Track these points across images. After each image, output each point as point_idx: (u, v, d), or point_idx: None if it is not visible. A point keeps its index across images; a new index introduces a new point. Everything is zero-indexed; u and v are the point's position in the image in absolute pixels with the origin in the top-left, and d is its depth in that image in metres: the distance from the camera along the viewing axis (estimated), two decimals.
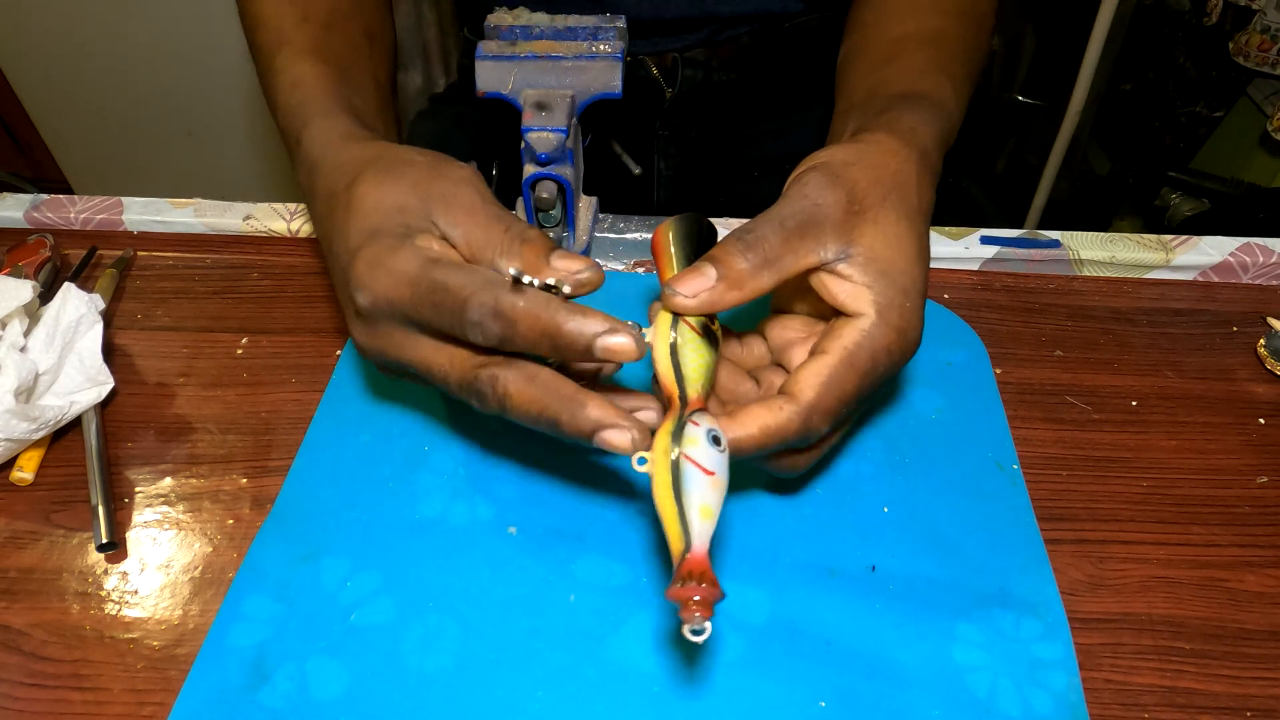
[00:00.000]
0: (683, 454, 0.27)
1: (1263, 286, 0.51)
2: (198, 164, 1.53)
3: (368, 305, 0.32)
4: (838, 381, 0.31)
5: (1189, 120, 1.39)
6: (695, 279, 0.31)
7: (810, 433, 0.31)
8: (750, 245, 0.31)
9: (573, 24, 0.46)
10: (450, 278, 0.30)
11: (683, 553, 0.26)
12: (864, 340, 0.31)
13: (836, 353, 0.31)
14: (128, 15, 1.32)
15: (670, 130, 0.64)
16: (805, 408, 0.31)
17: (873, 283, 0.31)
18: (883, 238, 0.32)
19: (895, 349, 0.32)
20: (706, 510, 0.27)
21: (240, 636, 0.34)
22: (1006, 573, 0.36)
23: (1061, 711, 0.32)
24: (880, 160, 0.34)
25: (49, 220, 0.54)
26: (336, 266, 0.34)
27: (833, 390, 0.31)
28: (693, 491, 0.27)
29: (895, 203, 0.33)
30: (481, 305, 0.29)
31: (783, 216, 0.32)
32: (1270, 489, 0.40)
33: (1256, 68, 1.25)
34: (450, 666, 0.33)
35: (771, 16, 0.60)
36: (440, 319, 0.31)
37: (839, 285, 0.32)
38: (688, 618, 0.25)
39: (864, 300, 0.31)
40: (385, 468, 0.40)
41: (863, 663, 0.33)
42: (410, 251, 0.31)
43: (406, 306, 0.31)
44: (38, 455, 0.41)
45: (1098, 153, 1.57)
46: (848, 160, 0.33)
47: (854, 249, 0.32)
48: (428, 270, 0.31)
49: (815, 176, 0.33)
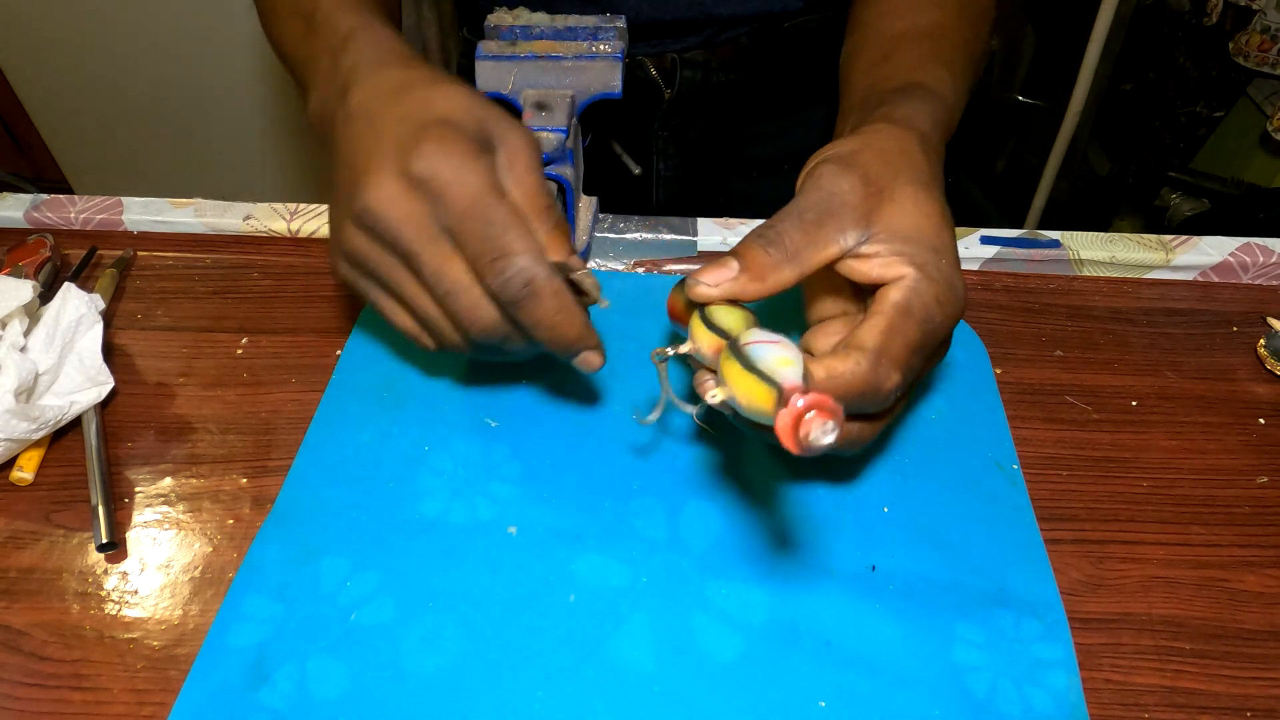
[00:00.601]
0: (746, 343, 0.27)
1: (1263, 286, 0.51)
2: (198, 164, 1.53)
3: (426, 176, 0.31)
4: (899, 329, 0.30)
5: (1189, 120, 1.39)
6: (718, 270, 0.31)
7: (880, 382, 0.30)
8: (771, 240, 0.31)
9: (573, 24, 0.46)
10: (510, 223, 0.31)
11: (777, 397, 0.25)
12: (912, 293, 0.31)
13: (889, 307, 0.31)
14: (127, 15, 1.32)
15: (669, 131, 0.64)
16: (873, 352, 0.30)
17: (902, 249, 0.31)
18: (901, 212, 0.32)
19: (945, 300, 0.31)
20: (784, 360, 0.26)
21: (240, 636, 0.34)
22: (1006, 573, 0.36)
23: (1061, 711, 0.32)
24: (884, 145, 0.34)
25: (49, 220, 0.54)
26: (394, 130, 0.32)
27: (896, 337, 0.30)
28: (766, 355, 0.27)
29: (907, 178, 0.33)
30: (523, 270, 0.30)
31: (801, 210, 0.32)
32: (1270, 489, 0.40)
33: (1256, 68, 1.25)
34: (450, 666, 0.33)
35: (770, 17, 0.60)
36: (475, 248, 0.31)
37: (869, 264, 0.32)
38: (807, 431, 0.24)
39: (899, 265, 0.31)
40: (385, 468, 0.40)
41: (863, 663, 0.33)
42: (486, 166, 0.32)
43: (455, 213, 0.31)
44: (38, 455, 0.41)
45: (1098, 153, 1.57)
46: (854, 149, 0.33)
47: (875, 228, 0.32)
48: (493, 199, 0.31)
49: (827, 168, 0.33)
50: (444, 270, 0.32)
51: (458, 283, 0.32)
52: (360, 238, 0.33)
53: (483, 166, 0.32)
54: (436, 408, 0.42)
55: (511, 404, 0.42)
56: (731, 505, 0.38)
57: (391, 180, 0.32)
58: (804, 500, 0.38)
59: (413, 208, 0.32)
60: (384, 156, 0.32)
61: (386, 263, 0.34)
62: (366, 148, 0.33)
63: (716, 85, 0.62)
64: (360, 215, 0.32)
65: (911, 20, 0.46)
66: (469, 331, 0.33)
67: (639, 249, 0.52)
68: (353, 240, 0.34)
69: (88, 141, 1.51)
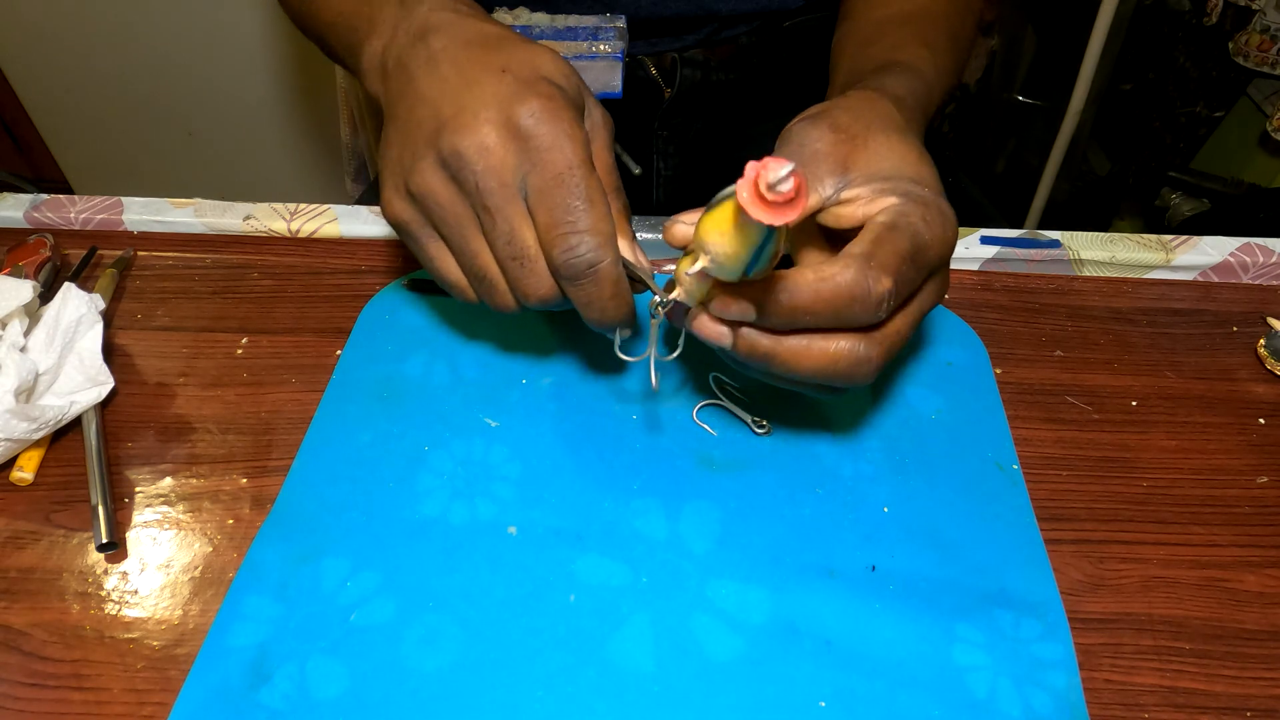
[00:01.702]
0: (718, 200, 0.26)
1: (1263, 286, 0.51)
2: (198, 164, 1.53)
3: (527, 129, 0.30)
4: (886, 239, 0.30)
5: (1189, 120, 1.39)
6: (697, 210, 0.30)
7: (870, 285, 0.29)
8: None
9: (573, 24, 0.46)
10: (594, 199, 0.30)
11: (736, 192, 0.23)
12: (898, 214, 0.30)
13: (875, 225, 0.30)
14: (128, 15, 1.32)
15: (669, 130, 0.64)
16: (862, 256, 0.29)
17: (883, 186, 0.31)
18: (877, 155, 0.32)
19: (933, 220, 0.31)
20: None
21: (240, 636, 0.34)
22: (1006, 573, 0.36)
23: (1061, 712, 0.32)
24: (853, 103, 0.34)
25: (49, 220, 0.54)
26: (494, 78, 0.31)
27: (884, 245, 0.29)
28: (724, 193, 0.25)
29: (880, 126, 0.33)
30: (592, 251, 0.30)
31: None
32: (1270, 489, 0.40)
33: (1256, 68, 1.25)
34: (450, 666, 0.33)
35: (770, 14, 0.60)
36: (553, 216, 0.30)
37: (851, 208, 0.31)
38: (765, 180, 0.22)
39: (882, 200, 0.31)
40: (385, 468, 0.40)
41: (863, 663, 0.33)
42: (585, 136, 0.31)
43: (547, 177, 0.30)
44: (38, 455, 0.41)
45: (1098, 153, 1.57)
46: (826, 109, 0.33)
47: (852, 173, 0.31)
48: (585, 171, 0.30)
49: (797, 125, 0.33)
50: (519, 233, 0.31)
51: (528, 249, 0.32)
52: (438, 179, 0.32)
53: (583, 135, 0.31)
54: (436, 408, 0.42)
55: (511, 404, 0.42)
56: (732, 505, 0.38)
57: (490, 128, 0.31)
58: (804, 500, 0.38)
59: (505, 160, 0.31)
60: (484, 103, 0.31)
61: (457, 211, 0.33)
62: (459, 92, 0.32)
63: (716, 84, 0.62)
64: (448, 156, 0.31)
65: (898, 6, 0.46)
66: (525, 299, 0.33)
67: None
68: (428, 180, 0.32)
69: (88, 141, 1.51)
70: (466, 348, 0.45)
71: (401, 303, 0.48)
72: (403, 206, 0.34)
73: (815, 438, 0.41)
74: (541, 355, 0.45)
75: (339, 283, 0.50)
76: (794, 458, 0.40)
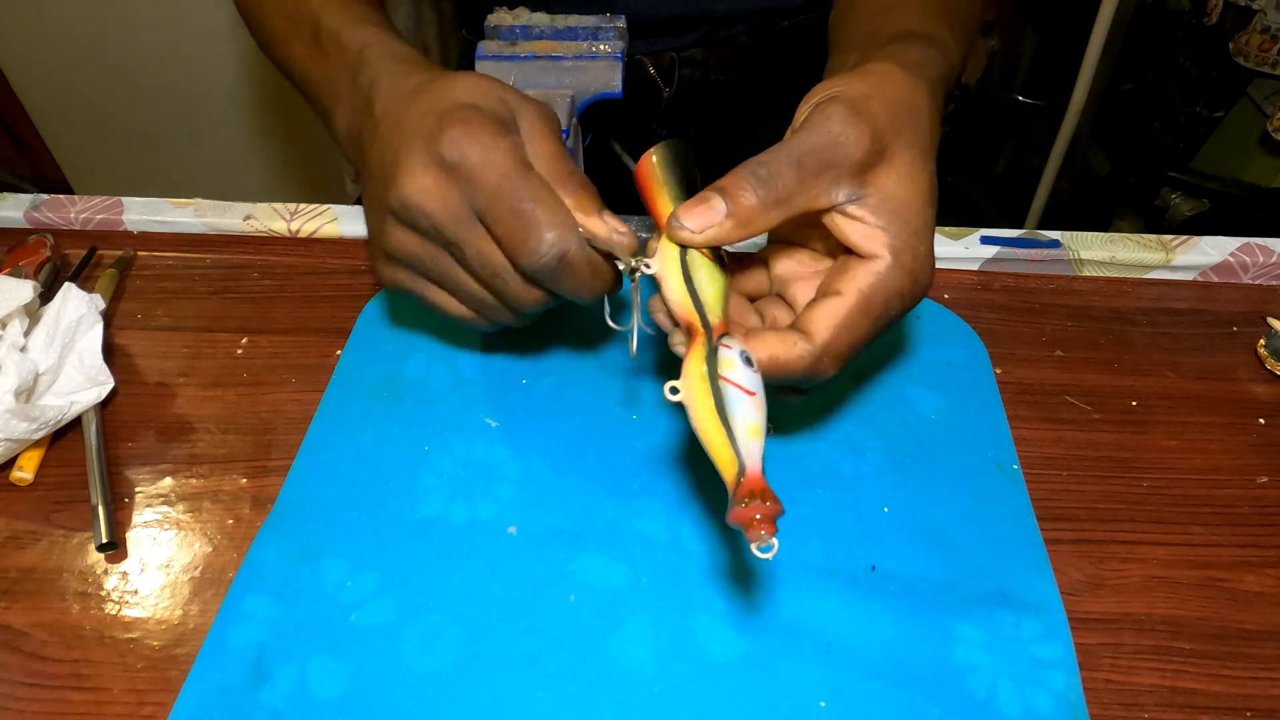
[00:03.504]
0: (723, 378, 0.27)
1: (1263, 286, 0.51)
2: (198, 164, 1.53)
3: (455, 161, 0.31)
4: (852, 325, 0.30)
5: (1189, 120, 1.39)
6: (703, 212, 0.30)
7: (818, 374, 0.31)
8: (763, 181, 0.30)
9: (573, 24, 0.46)
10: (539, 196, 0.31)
11: (738, 475, 0.26)
12: (878, 283, 0.31)
13: (851, 295, 0.31)
14: (128, 15, 1.32)
15: (668, 130, 0.64)
16: (819, 348, 0.30)
17: (887, 225, 0.31)
18: (896, 178, 0.31)
19: (908, 293, 0.31)
20: (754, 430, 0.27)
21: (240, 636, 0.34)
22: (1006, 573, 0.36)
23: (1061, 712, 0.32)
24: (896, 92, 0.33)
25: (49, 220, 0.54)
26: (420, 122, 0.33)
27: (846, 334, 0.30)
28: (739, 414, 0.27)
29: (909, 140, 0.32)
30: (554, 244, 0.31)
31: (802, 153, 0.30)
32: (1270, 489, 0.40)
33: (1256, 68, 1.25)
34: (450, 666, 0.33)
35: (768, 14, 0.60)
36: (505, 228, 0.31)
37: (851, 226, 0.31)
38: (753, 537, 0.25)
39: (878, 242, 0.31)
40: (385, 468, 0.40)
41: (863, 663, 0.33)
42: (510, 143, 0.32)
43: (485, 194, 0.31)
44: (38, 455, 0.41)
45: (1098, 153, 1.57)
46: (866, 93, 0.32)
47: (867, 190, 0.31)
48: (519, 174, 0.31)
49: (838, 110, 0.31)
50: (486, 254, 0.33)
51: (499, 264, 0.33)
52: (402, 233, 0.34)
53: (507, 143, 0.32)
54: (436, 408, 0.42)
55: (511, 404, 0.42)
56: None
57: (423, 170, 0.32)
58: (804, 500, 0.38)
59: (448, 194, 0.32)
60: (412, 148, 0.32)
61: (431, 253, 0.34)
62: (395, 147, 0.33)
63: (715, 84, 0.62)
64: (398, 211, 0.33)
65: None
66: (520, 309, 0.35)
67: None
68: (395, 238, 0.34)
69: (88, 141, 1.51)
70: (466, 348, 0.45)
71: (401, 303, 0.48)
72: (389, 270, 0.36)
73: (815, 438, 0.41)
74: (542, 355, 0.45)
75: (339, 283, 0.50)
76: (794, 457, 0.40)
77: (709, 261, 0.31)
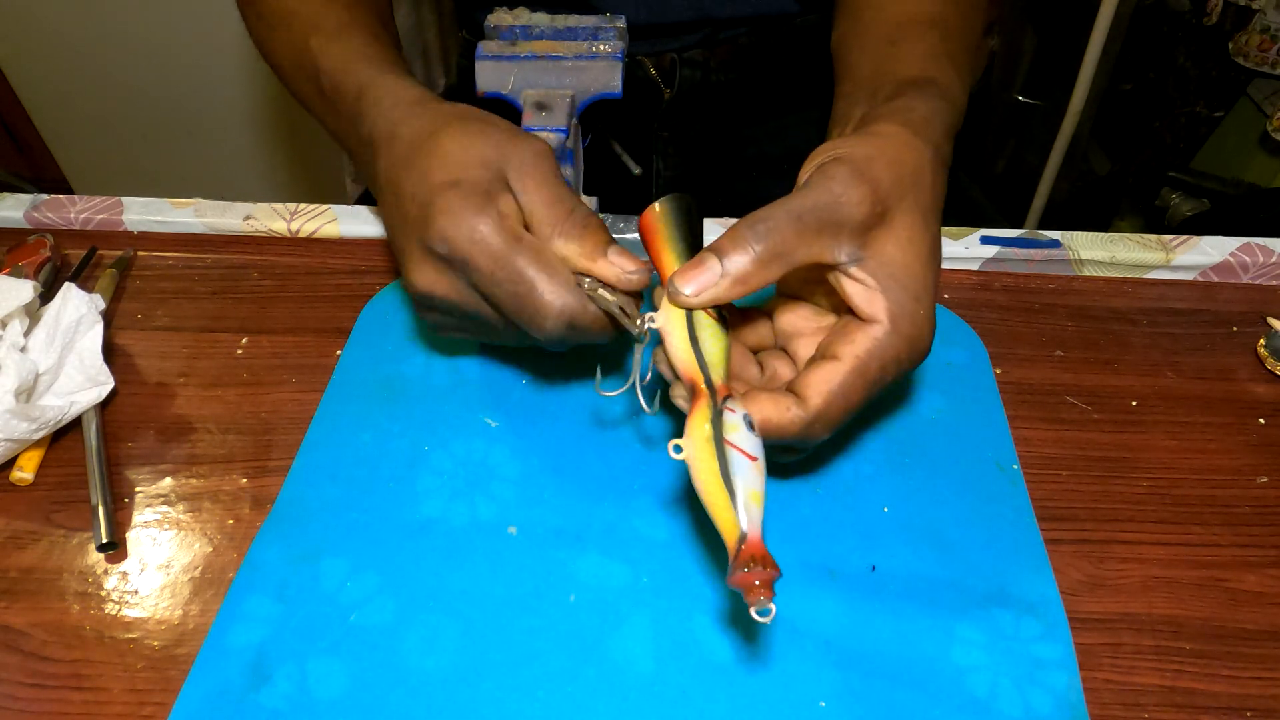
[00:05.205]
0: (727, 442, 0.28)
1: (1263, 286, 0.51)
2: (198, 164, 1.53)
3: (445, 254, 0.33)
4: (846, 392, 0.31)
5: (1189, 120, 1.39)
6: (699, 274, 0.31)
7: (809, 439, 0.31)
8: (761, 236, 0.30)
9: (573, 24, 0.46)
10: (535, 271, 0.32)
11: (739, 540, 0.27)
12: (875, 349, 0.31)
13: (848, 361, 0.31)
14: (128, 15, 1.32)
15: (669, 130, 0.64)
16: (811, 414, 0.31)
17: (887, 288, 0.31)
18: (896, 241, 0.32)
19: (905, 358, 0.32)
20: (756, 495, 0.27)
21: (240, 636, 0.34)
22: (1006, 573, 0.36)
23: (1061, 712, 0.32)
24: (899, 156, 0.33)
25: (49, 220, 0.54)
26: (410, 208, 0.34)
27: (839, 400, 0.31)
28: (742, 479, 0.27)
29: (912, 203, 0.32)
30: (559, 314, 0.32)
31: (803, 210, 0.31)
32: (1270, 489, 0.40)
33: (1256, 68, 1.25)
34: (450, 666, 0.33)
35: (768, 20, 0.60)
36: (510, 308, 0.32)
37: (852, 286, 0.32)
38: (752, 601, 0.26)
39: (878, 306, 0.31)
40: (385, 468, 0.40)
41: (863, 663, 0.33)
42: (494, 221, 0.32)
43: (483, 280, 0.32)
44: (38, 455, 0.41)
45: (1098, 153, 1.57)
46: (870, 155, 0.32)
47: (867, 252, 0.31)
48: (511, 251, 0.32)
49: (841, 171, 0.31)
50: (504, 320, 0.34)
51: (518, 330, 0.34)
52: (422, 309, 0.37)
53: (492, 222, 0.32)
54: (436, 408, 0.42)
55: (511, 404, 0.42)
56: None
57: (423, 264, 0.34)
58: (804, 500, 0.38)
59: (451, 282, 0.34)
60: (410, 239, 0.34)
61: (457, 321, 0.36)
62: (397, 226, 0.35)
63: (716, 85, 0.62)
64: (416, 298, 0.36)
65: (914, 8, 0.45)
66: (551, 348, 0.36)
67: (639, 249, 0.52)
68: (423, 311, 0.37)
69: (88, 141, 1.51)
70: (466, 348, 0.45)
71: (401, 303, 0.48)
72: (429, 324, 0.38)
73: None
74: (542, 355, 0.45)
75: (339, 283, 0.51)
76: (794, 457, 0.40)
77: (713, 321, 0.31)
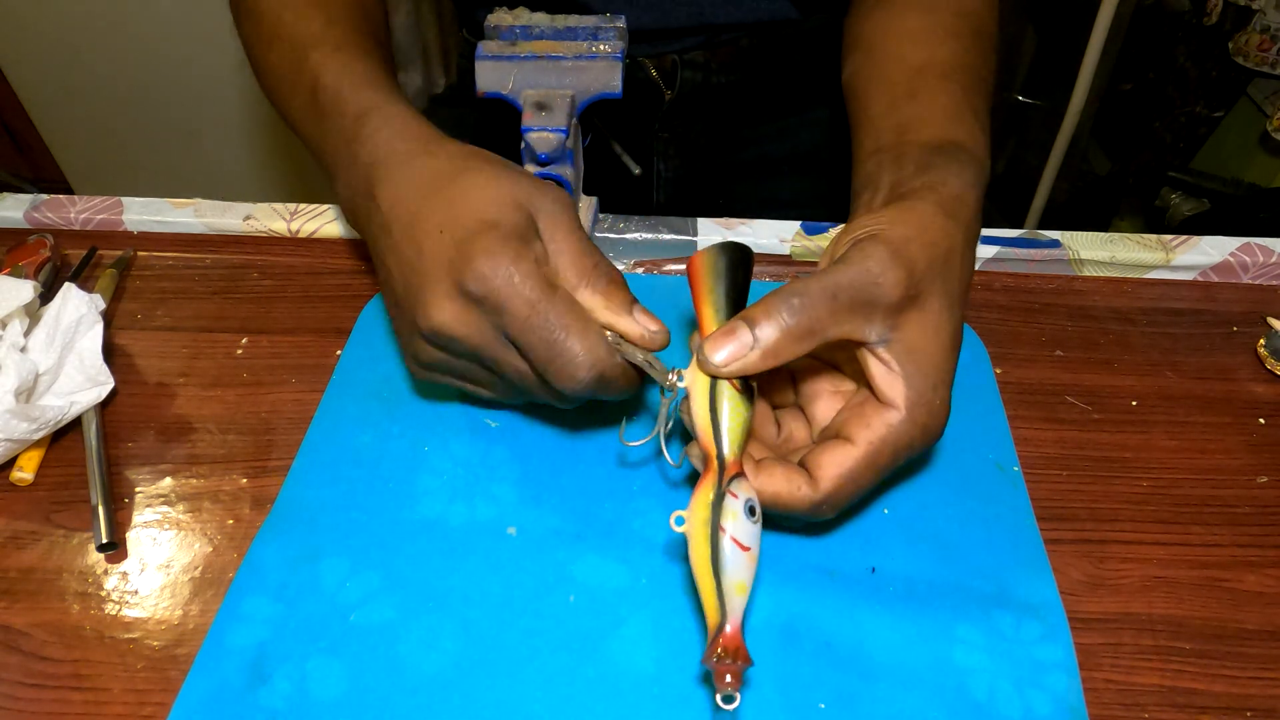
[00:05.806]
0: (722, 529, 0.28)
1: (1263, 286, 0.51)
2: (198, 164, 1.53)
3: (479, 294, 0.32)
4: (856, 477, 0.32)
5: (1189, 120, 1.39)
6: (730, 343, 0.31)
7: (816, 516, 0.32)
8: (795, 311, 0.31)
9: (573, 24, 0.46)
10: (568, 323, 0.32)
11: (719, 626, 0.27)
12: (890, 436, 0.32)
13: (862, 446, 0.32)
14: (128, 16, 1.32)
15: (670, 132, 0.64)
16: (821, 496, 0.32)
17: (908, 375, 0.32)
18: (922, 328, 0.32)
19: (917, 443, 0.33)
20: (742, 587, 0.28)
21: (240, 636, 0.34)
22: (1006, 574, 0.36)
23: (1061, 713, 0.32)
24: (934, 238, 0.33)
25: (49, 220, 0.54)
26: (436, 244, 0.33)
27: (849, 485, 0.32)
28: (730, 570, 0.28)
29: (941, 288, 0.33)
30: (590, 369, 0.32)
31: (839, 287, 0.31)
32: (1270, 489, 0.40)
33: (1256, 68, 1.25)
34: (450, 666, 0.33)
35: (768, 26, 0.60)
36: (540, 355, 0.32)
37: (876, 366, 0.32)
38: (720, 689, 0.27)
39: (897, 391, 0.32)
40: (385, 468, 0.40)
41: (862, 664, 0.33)
42: (532, 267, 0.32)
43: (515, 326, 0.32)
44: (38, 455, 0.41)
45: (1098, 153, 1.57)
46: (907, 236, 0.33)
47: (895, 335, 0.32)
48: (546, 301, 0.32)
49: (879, 251, 0.32)
50: (523, 370, 0.34)
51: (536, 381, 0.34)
52: (434, 350, 0.35)
53: (530, 266, 0.32)
54: (436, 408, 0.42)
55: (511, 404, 0.42)
56: None
57: (449, 301, 0.33)
58: None
59: (480, 322, 0.33)
60: (437, 277, 0.33)
61: (465, 365, 0.35)
62: (415, 264, 0.34)
63: (717, 86, 0.62)
64: (431, 336, 0.34)
65: (929, 52, 0.45)
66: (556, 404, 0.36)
67: (639, 249, 0.52)
68: (428, 353, 0.35)
69: (88, 141, 1.51)
70: None
71: None
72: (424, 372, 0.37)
73: None
74: None
75: (339, 283, 0.51)
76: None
77: (736, 392, 0.31)
